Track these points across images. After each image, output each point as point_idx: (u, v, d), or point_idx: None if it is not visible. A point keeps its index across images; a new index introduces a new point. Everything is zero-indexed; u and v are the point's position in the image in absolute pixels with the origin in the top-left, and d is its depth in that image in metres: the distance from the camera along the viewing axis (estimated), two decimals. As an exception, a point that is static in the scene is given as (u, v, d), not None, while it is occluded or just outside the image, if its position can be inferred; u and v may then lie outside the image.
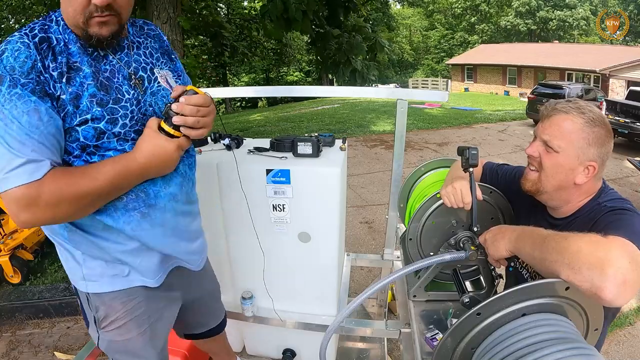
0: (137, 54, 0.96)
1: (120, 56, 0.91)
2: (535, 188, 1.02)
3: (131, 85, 0.91)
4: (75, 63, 0.82)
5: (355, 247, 3.69)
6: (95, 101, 0.83)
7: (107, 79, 0.86)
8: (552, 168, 0.97)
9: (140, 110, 0.91)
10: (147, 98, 0.94)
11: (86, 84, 0.82)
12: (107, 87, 0.86)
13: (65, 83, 0.80)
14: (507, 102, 17.88)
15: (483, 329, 0.75)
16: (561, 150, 0.95)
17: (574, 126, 0.93)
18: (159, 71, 1.00)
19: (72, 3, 0.78)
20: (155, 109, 0.95)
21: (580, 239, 0.72)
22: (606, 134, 0.94)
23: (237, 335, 1.82)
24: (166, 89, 0.99)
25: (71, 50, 0.82)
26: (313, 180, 1.39)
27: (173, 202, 0.99)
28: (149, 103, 0.94)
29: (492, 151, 7.40)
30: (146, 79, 0.95)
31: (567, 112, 0.95)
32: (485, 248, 0.98)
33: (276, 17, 3.42)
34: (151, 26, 1.08)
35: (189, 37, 5.90)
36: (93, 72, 0.84)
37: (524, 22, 31.67)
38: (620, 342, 2.49)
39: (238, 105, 27.93)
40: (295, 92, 1.90)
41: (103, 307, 1.00)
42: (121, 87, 0.88)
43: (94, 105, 0.82)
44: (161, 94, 0.98)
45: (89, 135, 0.83)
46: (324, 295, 1.60)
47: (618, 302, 0.66)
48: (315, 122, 10.76)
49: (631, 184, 5.76)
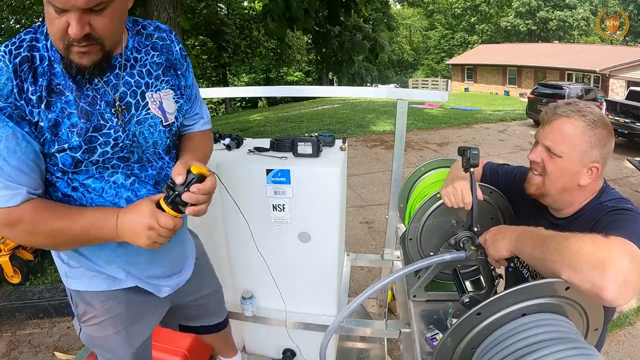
0: (129, 74, 0.87)
1: (109, 78, 0.84)
2: (539, 192, 1.02)
3: (113, 112, 0.84)
4: (59, 85, 0.78)
5: (355, 247, 3.69)
6: (76, 131, 0.79)
7: (89, 104, 0.81)
8: (556, 173, 0.97)
9: (128, 137, 0.86)
10: (131, 127, 0.87)
11: (67, 111, 0.79)
12: (89, 114, 0.81)
13: (44, 109, 0.76)
14: (507, 102, 17.88)
15: (483, 329, 0.75)
16: (564, 155, 0.94)
17: (576, 130, 0.93)
18: (153, 94, 0.91)
19: (50, 28, 0.73)
20: (140, 138, 0.89)
21: (581, 239, 0.72)
22: (607, 134, 0.94)
23: (237, 335, 1.82)
24: (156, 117, 0.91)
25: (55, 70, 0.78)
26: (313, 180, 1.39)
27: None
28: (133, 132, 0.88)
29: (492, 151, 7.40)
30: (133, 106, 0.87)
31: (568, 116, 0.94)
32: (485, 248, 0.98)
33: (278, 16, 3.43)
34: (162, 34, 0.96)
35: (189, 37, 5.90)
36: (75, 98, 0.79)
37: (524, 22, 31.68)
38: (620, 342, 2.49)
39: (238, 105, 27.91)
40: (295, 92, 1.90)
41: (82, 304, 1.01)
42: (104, 114, 0.83)
43: (73, 135, 0.79)
44: (149, 122, 0.90)
45: (67, 162, 0.81)
46: (324, 295, 1.60)
47: (619, 302, 0.66)
48: (315, 122, 10.76)
49: (631, 184, 5.76)
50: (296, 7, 3.31)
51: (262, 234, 1.50)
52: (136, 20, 0.94)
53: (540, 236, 0.81)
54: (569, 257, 0.70)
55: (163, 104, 0.93)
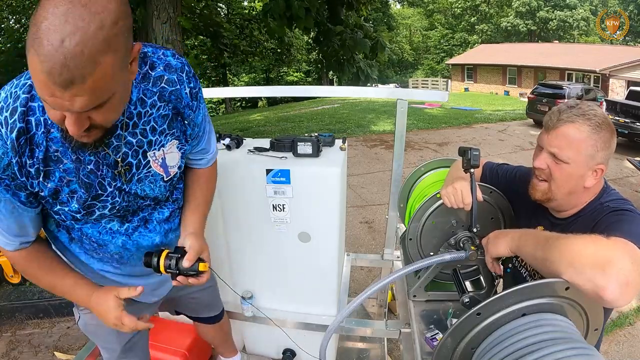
0: (131, 133, 0.81)
1: (110, 140, 0.78)
2: (546, 197, 1.01)
3: (115, 174, 0.82)
4: (57, 152, 0.75)
5: (355, 247, 3.69)
6: (75, 198, 0.80)
7: (91, 171, 0.79)
8: (563, 178, 0.96)
9: (124, 199, 0.86)
10: (132, 186, 0.86)
11: (66, 179, 0.78)
12: (88, 186, 0.80)
13: (42, 180, 0.76)
14: (507, 102, 17.88)
15: (483, 329, 0.75)
16: (571, 161, 0.94)
17: (582, 135, 0.92)
18: (155, 152, 0.87)
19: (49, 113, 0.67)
20: (139, 191, 0.88)
21: (582, 240, 0.72)
22: (611, 135, 0.94)
23: (237, 335, 1.82)
24: (157, 174, 0.89)
25: (52, 135, 0.74)
26: (313, 180, 1.39)
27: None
28: (134, 190, 0.87)
29: (492, 151, 7.40)
30: (134, 165, 0.85)
31: (573, 121, 0.93)
32: (485, 247, 0.98)
33: (279, 15, 3.42)
34: (173, 75, 0.85)
35: (189, 37, 5.89)
36: (75, 167, 0.77)
37: (524, 22, 31.67)
38: (620, 342, 2.49)
39: (238, 105, 27.90)
40: (295, 92, 1.90)
41: None
42: (104, 180, 0.81)
43: (72, 201, 0.80)
44: (149, 179, 0.89)
45: (67, 217, 0.84)
46: (324, 295, 1.60)
47: (619, 303, 0.66)
48: (315, 122, 10.76)
49: (631, 184, 5.77)
50: (297, 5, 3.30)
51: (262, 234, 1.50)
52: (145, 55, 0.83)
53: (542, 236, 0.82)
54: (571, 257, 0.70)
55: (166, 159, 0.90)
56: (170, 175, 0.93)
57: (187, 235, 0.98)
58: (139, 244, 0.95)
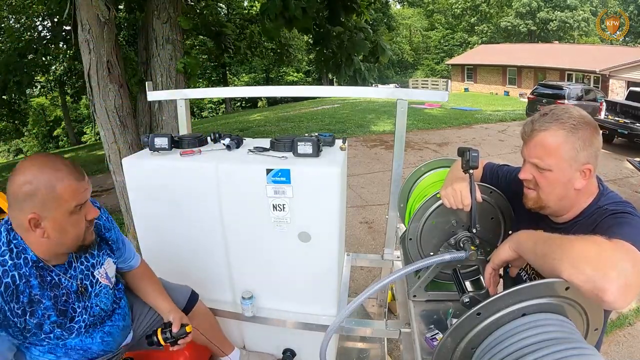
0: (80, 263, 1.10)
1: (70, 274, 1.06)
2: (537, 205, 1.02)
3: (78, 295, 1.08)
4: (36, 296, 0.98)
5: (355, 247, 3.69)
6: (56, 325, 1.02)
7: (65, 302, 1.04)
8: (549, 186, 0.97)
9: (90, 314, 1.11)
10: (92, 301, 1.12)
11: (47, 314, 1.00)
12: (65, 312, 1.04)
13: (28, 317, 0.96)
14: (507, 102, 17.89)
15: (483, 329, 0.75)
16: (553, 168, 0.94)
17: (558, 140, 0.92)
18: (99, 270, 1.16)
19: (73, 231, 0.99)
20: (101, 306, 1.14)
21: (584, 240, 0.72)
22: (591, 133, 0.93)
23: (237, 335, 1.82)
24: (106, 286, 1.17)
25: (32, 284, 0.97)
26: (313, 180, 1.39)
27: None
28: (95, 303, 1.13)
29: (492, 151, 7.40)
30: (89, 285, 1.11)
31: (546, 129, 0.94)
32: (489, 259, 0.97)
33: (275, 15, 3.40)
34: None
35: (189, 37, 5.90)
36: (53, 303, 1.01)
37: (524, 22, 31.67)
38: (619, 343, 2.49)
39: (238, 105, 27.90)
40: (295, 92, 1.90)
41: None
42: (74, 305, 1.06)
43: (55, 328, 1.02)
44: (103, 292, 1.16)
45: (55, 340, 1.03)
46: (324, 295, 1.60)
47: (619, 305, 0.66)
48: (315, 122, 10.77)
49: (631, 184, 5.76)
50: (294, 6, 3.28)
51: (262, 234, 1.50)
52: None
53: (543, 235, 0.82)
54: (572, 256, 0.70)
55: (107, 273, 1.19)
56: (113, 283, 1.22)
57: (168, 312, 1.31)
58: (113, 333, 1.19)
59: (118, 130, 2.92)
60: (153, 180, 1.53)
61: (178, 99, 1.91)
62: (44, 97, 17.76)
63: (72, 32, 3.27)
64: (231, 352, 1.66)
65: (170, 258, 1.67)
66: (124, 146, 2.96)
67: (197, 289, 1.58)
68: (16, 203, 0.93)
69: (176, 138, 1.61)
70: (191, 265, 1.67)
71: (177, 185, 1.50)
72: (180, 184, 1.50)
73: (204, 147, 1.64)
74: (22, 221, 0.93)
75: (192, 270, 1.67)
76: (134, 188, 1.58)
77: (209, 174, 1.45)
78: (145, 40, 3.59)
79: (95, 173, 7.66)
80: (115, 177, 3.09)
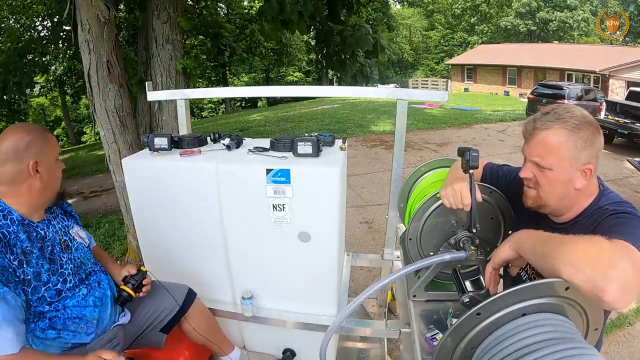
0: (57, 222, 1.27)
1: (52, 228, 1.22)
2: (537, 204, 1.02)
3: (63, 249, 1.21)
4: (27, 247, 1.11)
5: (355, 247, 3.69)
6: (51, 272, 1.14)
7: (52, 252, 1.17)
8: (550, 185, 0.97)
9: (75, 264, 1.24)
10: (75, 254, 1.26)
11: (39, 262, 1.12)
12: (53, 260, 1.16)
13: (26, 267, 1.08)
14: (507, 102, 17.89)
15: (483, 328, 0.75)
16: (554, 167, 0.94)
17: (559, 139, 0.92)
18: (72, 230, 1.32)
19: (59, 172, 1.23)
20: (82, 259, 1.28)
21: (584, 240, 0.72)
22: (593, 133, 0.93)
23: (237, 335, 1.82)
24: (82, 244, 1.32)
25: (21, 238, 1.11)
26: (313, 180, 1.39)
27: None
28: (77, 257, 1.26)
29: (492, 151, 7.40)
30: (69, 240, 1.27)
31: (548, 127, 0.94)
32: (490, 258, 0.98)
33: (272, 17, 3.40)
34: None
35: (189, 37, 5.90)
36: (41, 254, 1.13)
37: (524, 22, 31.67)
38: (619, 343, 2.49)
39: (238, 105, 27.89)
40: (295, 92, 1.90)
41: None
42: (60, 255, 1.20)
43: (50, 276, 1.14)
44: (81, 248, 1.31)
45: (52, 294, 1.14)
46: (324, 295, 1.60)
47: (618, 305, 0.66)
48: (315, 122, 10.77)
49: (631, 184, 5.76)
50: (290, 9, 3.28)
51: (262, 233, 1.50)
52: None
53: (543, 234, 0.82)
54: (572, 256, 0.70)
55: (80, 234, 1.35)
56: (88, 243, 1.37)
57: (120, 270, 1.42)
58: (102, 299, 1.29)
59: (118, 130, 2.92)
60: (153, 181, 1.53)
61: (178, 99, 1.91)
62: (44, 97, 17.76)
63: (72, 32, 3.26)
64: (231, 352, 1.66)
65: (170, 258, 1.67)
66: (124, 146, 2.96)
67: (197, 288, 1.58)
68: (16, 155, 1.09)
69: (176, 138, 1.61)
70: (191, 265, 1.67)
71: (177, 185, 1.51)
72: (180, 184, 1.50)
73: (204, 147, 1.64)
74: (18, 173, 1.10)
75: (191, 270, 1.67)
76: (134, 188, 1.58)
77: (209, 174, 1.45)
78: (145, 40, 3.59)
79: (95, 173, 7.66)
80: (115, 177, 3.10)
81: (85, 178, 7.48)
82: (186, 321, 1.51)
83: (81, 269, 1.27)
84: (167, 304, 1.46)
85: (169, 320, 1.46)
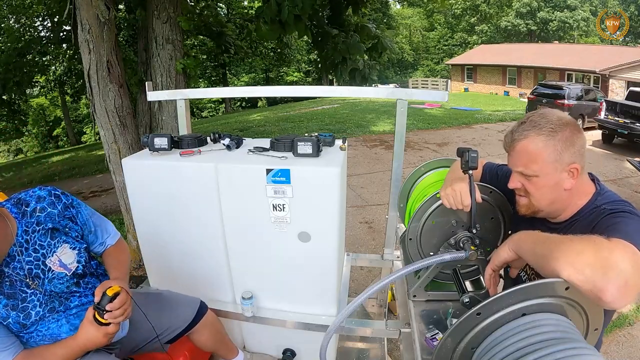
0: (27, 254, 1.12)
1: (14, 265, 1.09)
2: (530, 211, 1.05)
3: (30, 286, 1.11)
4: None
5: (355, 247, 3.70)
6: (10, 307, 1.07)
7: (10, 287, 1.08)
8: (539, 191, 0.99)
9: (46, 294, 1.13)
10: (47, 287, 1.14)
11: None
12: (13, 295, 1.08)
13: None
14: (507, 102, 17.90)
15: (483, 328, 0.75)
16: (539, 173, 0.97)
17: (537, 145, 0.95)
18: (51, 259, 1.15)
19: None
20: (56, 290, 1.15)
21: (583, 240, 0.72)
22: (572, 132, 0.95)
23: (237, 335, 1.82)
24: (60, 273, 1.16)
25: None
26: (313, 180, 1.39)
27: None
28: (50, 289, 1.14)
29: (492, 151, 7.40)
30: (41, 273, 1.13)
31: (525, 137, 0.97)
32: (490, 261, 0.98)
33: (270, 19, 3.40)
34: (43, 203, 1.17)
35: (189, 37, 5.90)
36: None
37: (524, 22, 31.67)
38: (619, 343, 2.49)
39: (238, 105, 27.90)
40: (295, 92, 1.90)
41: None
42: (24, 289, 1.09)
43: (10, 311, 1.07)
44: (56, 279, 1.16)
45: (17, 327, 1.08)
46: (324, 295, 1.60)
47: (617, 305, 0.66)
48: (315, 122, 10.77)
49: (631, 184, 5.76)
50: (287, 11, 3.28)
51: (262, 234, 1.50)
52: (19, 201, 1.15)
53: (542, 235, 0.82)
54: (571, 256, 0.70)
55: (62, 260, 1.17)
56: (72, 270, 1.19)
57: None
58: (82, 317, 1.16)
59: (118, 130, 2.93)
60: (153, 181, 1.53)
61: (178, 99, 1.91)
62: (44, 97, 17.76)
63: (72, 32, 3.27)
64: (236, 357, 1.66)
65: (170, 258, 1.67)
66: (123, 146, 2.96)
67: (197, 289, 1.58)
68: None
69: (176, 138, 1.61)
70: (191, 265, 1.67)
71: (177, 186, 1.51)
72: (180, 184, 1.50)
73: (204, 147, 1.64)
74: None
75: (191, 270, 1.67)
76: (134, 188, 1.58)
77: (209, 174, 1.45)
78: (145, 40, 3.60)
79: (95, 173, 7.67)
80: (115, 177, 3.10)
81: (85, 178, 7.49)
82: (195, 332, 1.48)
83: (55, 298, 1.16)
84: (175, 319, 1.43)
85: (176, 335, 1.43)
